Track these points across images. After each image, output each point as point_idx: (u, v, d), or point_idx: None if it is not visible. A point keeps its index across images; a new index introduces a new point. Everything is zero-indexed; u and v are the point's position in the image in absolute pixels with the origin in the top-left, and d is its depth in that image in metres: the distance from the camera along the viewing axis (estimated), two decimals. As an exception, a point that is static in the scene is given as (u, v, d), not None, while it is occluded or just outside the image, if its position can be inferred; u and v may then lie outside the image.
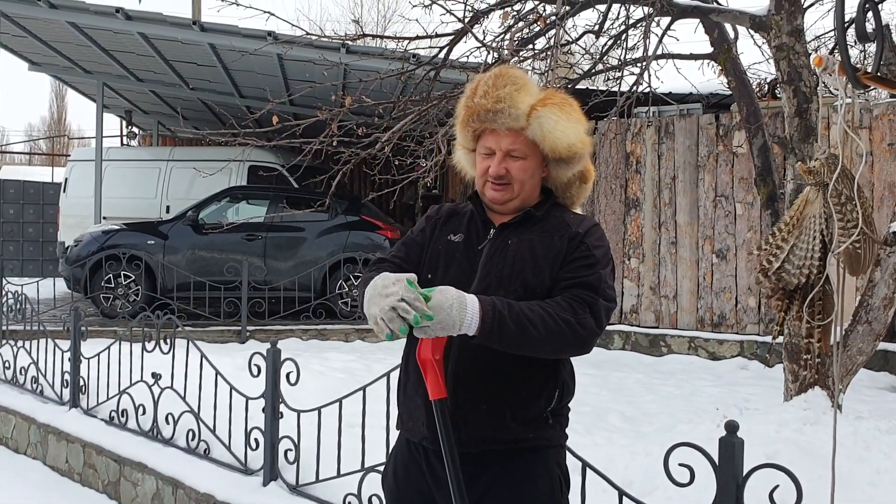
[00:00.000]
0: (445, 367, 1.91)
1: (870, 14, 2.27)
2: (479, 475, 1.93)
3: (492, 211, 2.08)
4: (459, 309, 1.76)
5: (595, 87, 7.69)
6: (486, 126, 2.00)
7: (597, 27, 5.61)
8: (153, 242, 9.70)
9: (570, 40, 5.90)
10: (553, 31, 5.05)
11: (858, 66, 2.44)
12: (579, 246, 1.96)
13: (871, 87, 2.47)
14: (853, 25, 2.29)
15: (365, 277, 1.99)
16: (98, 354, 5.37)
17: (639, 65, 5.43)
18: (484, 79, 2.04)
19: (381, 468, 2.20)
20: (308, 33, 5.86)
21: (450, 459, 1.83)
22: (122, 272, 9.49)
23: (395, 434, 2.16)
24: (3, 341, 6.80)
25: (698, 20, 5.46)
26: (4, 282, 8.61)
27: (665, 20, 5.48)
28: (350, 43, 7.59)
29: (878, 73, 2.40)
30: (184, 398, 4.61)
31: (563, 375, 2.00)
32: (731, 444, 2.16)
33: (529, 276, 1.94)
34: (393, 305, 1.72)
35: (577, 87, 6.15)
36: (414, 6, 5.36)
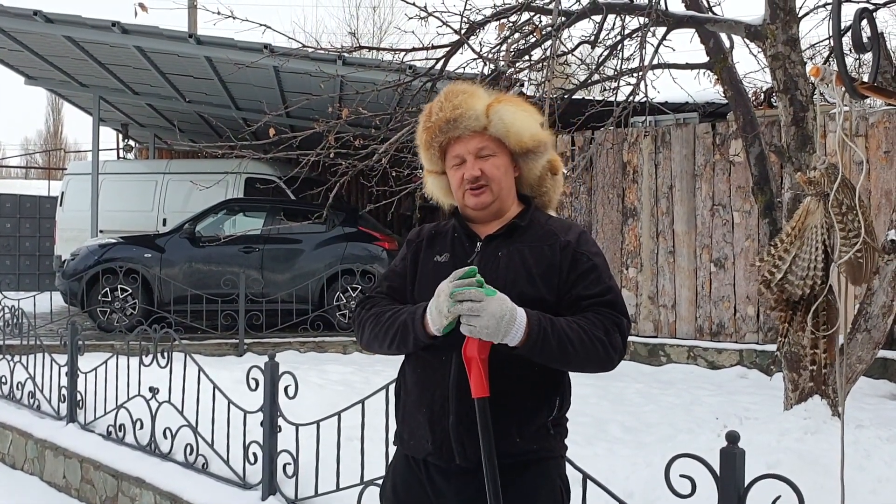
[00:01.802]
0: (447, 381, 1.90)
1: (865, 23, 2.27)
2: (482, 490, 1.91)
3: (475, 223, 2.09)
4: (508, 322, 1.80)
5: (591, 98, 7.71)
6: (450, 135, 2.05)
7: (593, 38, 5.63)
8: (150, 256, 9.68)
9: (567, 51, 5.92)
10: (549, 42, 5.06)
11: (854, 75, 2.44)
12: (578, 258, 1.97)
13: (868, 97, 2.47)
14: (849, 34, 2.29)
15: (362, 317, 2.05)
16: (95, 369, 5.35)
17: (635, 75, 5.44)
18: (434, 101, 2.11)
19: (381, 482, 2.19)
20: (304, 45, 5.86)
21: (487, 458, 1.83)
22: (118, 286, 9.47)
23: (394, 447, 2.14)
24: (0, 356, 6.77)
25: (694, 30, 5.48)
26: (1, 296, 8.59)
27: (661, 30, 5.50)
28: (346, 55, 7.60)
29: (875, 83, 2.40)
30: (181, 412, 4.59)
31: (562, 384, 2.01)
32: (733, 454, 2.15)
33: (525, 287, 1.94)
34: (449, 301, 1.82)
35: (574, 97, 6.17)
36: (410, 18, 5.37)
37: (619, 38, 5.75)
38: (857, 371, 4.51)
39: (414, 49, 5.65)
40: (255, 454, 4.06)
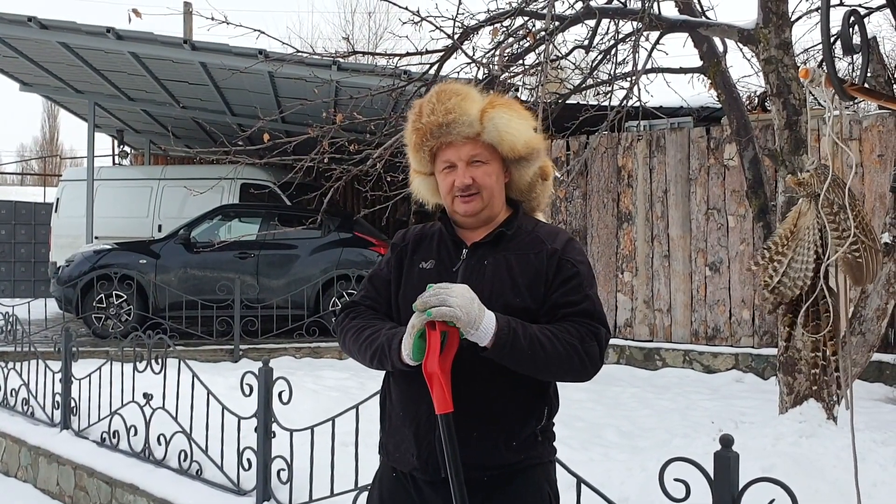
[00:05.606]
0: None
1: (856, 27, 2.28)
2: (471, 500, 1.89)
3: (462, 229, 2.04)
4: (480, 306, 1.78)
5: (586, 102, 7.73)
6: (442, 140, 1.98)
7: (586, 42, 5.64)
8: (145, 262, 9.66)
9: (560, 55, 5.93)
10: (543, 47, 5.07)
11: (846, 78, 2.45)
12: (563, 264, 1.94)
13: (859, 99, 2.48)
14: (840, 38, 2.30)
15: (344, 326, 2.03)
16: (89, 375, 5.33)
17: (629, 79, 5.45)
18: (426, 99, 2.03)
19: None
20: (299, 51, 5.87)
21: (454, 474, 1.80)
22: (113, 292, 9.45)
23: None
24: (-6, 363, 6.74)
25: (687, 34, 5.50)
26: (-5, 303, 8.56)
27: (654, 35, 5.52)
28: (341, 60, 7.61)
29: (865, 85, 2.41)
30: (176, 419, 4.57)
31: (549, 392, 1.99)
32: (727, 458, 2.15)
33: (510, 296, 1.91)
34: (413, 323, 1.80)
35: (568, 101, 6.18)
36: (404, 23, 5.38)
37: (612, 42, 5.76)
38: (852, 374, 4.51)
39: (408, 54, 5.66)
40: (249, 460, 4.04)
